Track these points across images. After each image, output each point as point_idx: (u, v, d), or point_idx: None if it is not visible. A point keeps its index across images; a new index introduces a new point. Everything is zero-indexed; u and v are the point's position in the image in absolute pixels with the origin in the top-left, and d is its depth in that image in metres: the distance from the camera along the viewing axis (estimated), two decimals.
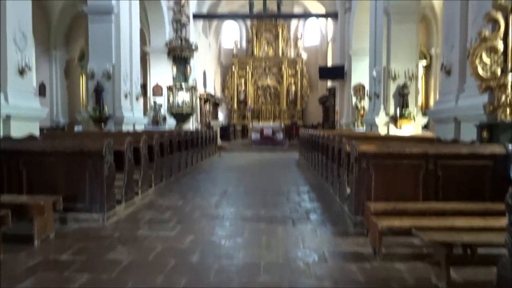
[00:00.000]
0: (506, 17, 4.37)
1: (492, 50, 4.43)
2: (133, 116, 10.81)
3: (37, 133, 6.26)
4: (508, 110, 4.26)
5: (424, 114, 10.67)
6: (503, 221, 2.08)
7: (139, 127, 11.07)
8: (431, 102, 15.28)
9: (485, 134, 4.43)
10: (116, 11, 10.01)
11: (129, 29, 10.75)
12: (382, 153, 3.76)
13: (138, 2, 11.46)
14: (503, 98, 4.26)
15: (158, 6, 14.27)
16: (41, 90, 15.94)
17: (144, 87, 13.85)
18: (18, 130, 5.61)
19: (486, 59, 4.44)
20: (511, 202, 1.74)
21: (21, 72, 6.07)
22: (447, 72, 6.22)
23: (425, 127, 10.56)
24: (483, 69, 4.40)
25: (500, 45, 4.38)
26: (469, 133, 5.09)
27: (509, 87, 4.25)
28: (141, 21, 12.31)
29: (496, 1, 4.46)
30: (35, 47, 14.47)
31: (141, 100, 12.12)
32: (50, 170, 4.11)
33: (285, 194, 5.95)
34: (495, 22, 4.44)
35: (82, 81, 17.18)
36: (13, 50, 5.92)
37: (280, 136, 18.33)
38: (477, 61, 4.40)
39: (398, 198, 3.61)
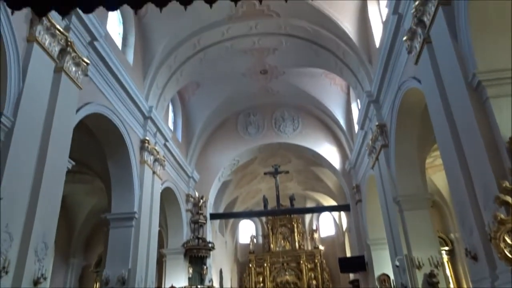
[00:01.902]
0: None
1: None
2: None
3: None
4: None
5: None
6: None
7: None
8: None
9: None
10: (137, 217, 10.49)
11: (148, 232, 11.03)
12: None
13: (158, 206, 12.14)
14: None
15: (177, 209, 15.01)
16: None
17: None
18: None
19: (510, 241, 4.30)
20: None
21: (36, 282, 5.94)
22: (473, 257, 5.93)
23: None
24: (510, 253, 4.22)
25: None
26: None
27: None
28: (160, 224, 12.76)
29: (502, 184, 4.62)
30: (54, 254, 14.68)
31: None
32: None
33: None
34: (507, 205, 4.49)
35: None
36: (32, 261, 5.91)
37: None
38: (502, 245, 4.26)
39: None
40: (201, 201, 15.44)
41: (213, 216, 17.22)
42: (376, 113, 11.11)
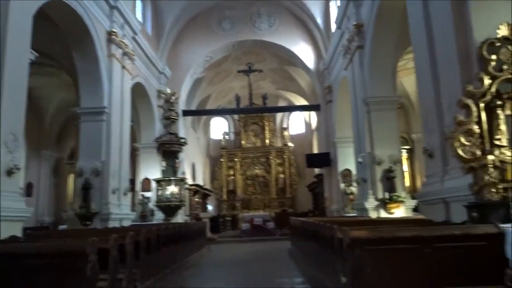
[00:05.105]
0: (476, 103, 4.65)
1: (469, 133, 4.63)
2: (120, 212, 10.60)
3: (19, 234, 6.03)
4: (493, 189, 4.32)
5: (413, 197, 10.72)
6: None
7: (126, 223, 10.79)
8: (418, 185, 15.45)
9: (475, 214, 4.42)
10: (108, 111, 10.39)
11: (120, 127, 11.07)
12: (375, 238, 3.67)
13: (129, 101, 11.99)
14: (486, 178, 4.35)
15: (148, 104, 14.89)
16: (28, 190, 15.77)
17: (132, 182, 13.81)
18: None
19: (464, 141, 4.61)
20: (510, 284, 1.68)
21: (9, 173, 6.05)
22: (430, 155, 6.40)
23: (415, 210, 10.53)
24: (463, 151, 4.55)
25: (476, 128, 4.59)
26: (459, 214, 5.08)
27: (490, 167, 4.36)
28: (132, 119, 12.74)
29: (466, 88, 4.79)
30: (26, 147, 14.68)
31: (129, 195, 12.02)
32: (26, 274, 3.84)
33: None
34: (468, 108, 4.71)
35: (70, 180, 17.16)
36: (3, 152, 5.95)
37: (271, 225, 17.97)
38: (456, 144, 4.57)
39: (397, 285, 3.44)
40: (173, 97, 15.30)
41: (186, 113, 17.26)
42: (356, 11, 10.77)
